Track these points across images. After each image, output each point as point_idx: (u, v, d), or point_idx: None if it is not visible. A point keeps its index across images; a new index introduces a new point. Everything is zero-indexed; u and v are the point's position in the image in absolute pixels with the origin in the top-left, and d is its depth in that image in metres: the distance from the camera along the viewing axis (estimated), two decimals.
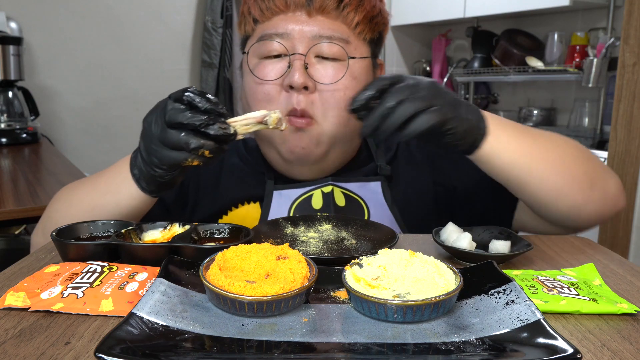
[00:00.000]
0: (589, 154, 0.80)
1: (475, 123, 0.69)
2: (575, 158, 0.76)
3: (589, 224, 0.80)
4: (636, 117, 1.99)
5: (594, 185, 0.76)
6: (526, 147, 0.73)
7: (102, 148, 2.94)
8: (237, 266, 0.53)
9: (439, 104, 0.64)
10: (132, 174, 0.73)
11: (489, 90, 3.35)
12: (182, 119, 0.63)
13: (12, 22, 2.45)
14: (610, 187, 0.79)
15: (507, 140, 0.71)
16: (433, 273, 0.53)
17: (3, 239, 1.79)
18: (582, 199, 0.75)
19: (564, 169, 0.74)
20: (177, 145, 0.64)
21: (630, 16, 1.97)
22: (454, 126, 0.66)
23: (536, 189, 0.75)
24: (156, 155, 0.67)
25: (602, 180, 0.78)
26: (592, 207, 0.77)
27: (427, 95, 0.64)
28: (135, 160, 0.73)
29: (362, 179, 0.91)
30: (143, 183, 0.73)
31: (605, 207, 0.79)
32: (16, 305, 0.53)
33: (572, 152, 0.77)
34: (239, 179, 0.94)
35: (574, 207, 0.76)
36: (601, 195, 0.77)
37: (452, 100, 0.67)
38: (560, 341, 0.42)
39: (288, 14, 0.84)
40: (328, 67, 0.83)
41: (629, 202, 2.06)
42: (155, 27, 3.01)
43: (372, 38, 0.89)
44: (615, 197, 0.80)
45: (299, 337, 0.46)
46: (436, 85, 0.67)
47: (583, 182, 0.75)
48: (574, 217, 0.78)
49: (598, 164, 0.79)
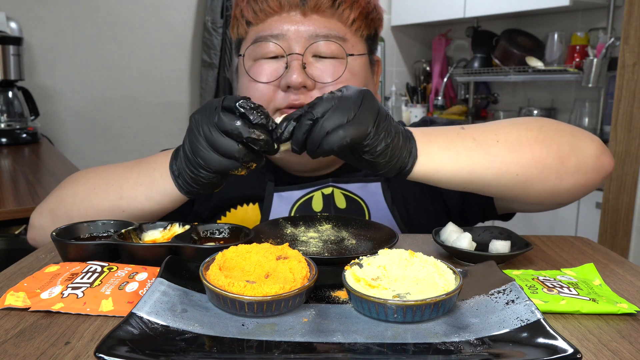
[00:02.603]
0: (551, 129, 0.74)
1: (401, 142, 0.66)
2: (530, 140, 0.71)
3: (573, 197, 0.77)
4: (636, 117, 1.99)
5: (564, 161, 0.72)
6: (465, 157, 0.69)
7: (102, 148, 2.94)
8: (237, 266, 0.53)
9: (360, 113, 0.61)
10: (171, 171, 0.72)
11: (489, 90, 3.35)
12: (233, 129, 0.62)
13: (12, 22, 2.45)
14: (587, 155, 0.74)
15: (441, 156, 0.68)
16: (433, 273, 0.53)
17: (3, 239, 1.78)
18: (554, 178, 0.72)
19: (520, 156, 0.70)
20: (229, 154, 0.63)
21: (630, 16, 1.97)
22: (373, 141, 0.63)
23: (496, 189, 0.72)
24: (204, 158, 0.65)
25: (574, 150, 0.73)
26: (569, 181, 0.73)
27: (349, 106, 0.61)
28: (177, 158, 0.71)
29: (362, 180, 0.91)
30: (181, 181, 0.71)
31: (587, 177, 0.74)
32: (16, 305, 0.53)
33: (527, 135, 0.72)
34: (240, 179, 0.94)
35: (546, 189, 0.73)
36: (576, 168, 0.73)
37: (376, 113, 0.63)
38: (560, 341, 0.42)
39: (282, 15, 0.84)
40: (327, 64, 0.83)
41: (629, 202, 2.06)
42: (155, 27, 3.01)
43: (368, 34, 0.89)
44: (596, 162, 0.75)
45: (299, 337, 0.46)
46: (363, 96, 0.63)
47: (549, 162, 0.71)
48: (552, 196, 0.75)
49: (565, 136, 0.74)
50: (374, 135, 0.63)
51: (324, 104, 0.61)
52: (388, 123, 0.65)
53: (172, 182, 0.72)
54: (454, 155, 0.69)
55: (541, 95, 3.05)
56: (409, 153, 0.67)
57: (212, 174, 0.67)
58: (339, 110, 0.61)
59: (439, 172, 0.69)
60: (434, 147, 0.68)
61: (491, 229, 0.76)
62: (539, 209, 0.85)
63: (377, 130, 0.63)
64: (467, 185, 0.71)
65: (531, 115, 2.94)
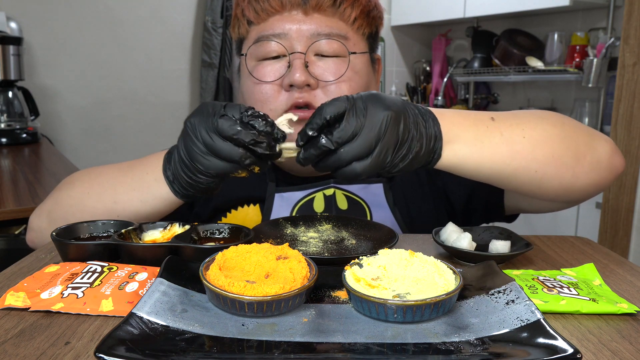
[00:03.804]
0: (570, 126, 0.75)
1: (424, 150, 0.64)
2: (553, 137, 0.71)
3: (586, 196, 0.77)
4: (636, 117, 1.99)
5: (580, 159, 0.72)
6: (489, 153, 0.68)
7: (102, 148, 2.94)
8: (237, 266, 0.53)
9: (380, 148, 0.60)
10: (165, 175, 0.71)
11: (489, 90, 3.35)
12: (234, 133, 0.61)
13: (12, 22, 2.45)
14: (601, 154, 0.74)
15: (465, 152, 0.67)
16: (433, 273, 0.53)
17: (3, 239, 1.78)
18: (570, 177, 0.72)
19: (541, 154, 0.70)
20: (230, 158, 0.63)
21: (630, 16, 1.97)
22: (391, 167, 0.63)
23: (514, 184, 0.72)
24: (202, 164, 0.64)
25: (590, 149, 0.73)
26: (584, 180, 0.73)
27: (371, 138, 0.59)
28: (170, 163, 0.70)
29: (364, 181, 0.90)
30: (177, 186, 0.70)
31: (601, 175, 0.75)
32: (16, 305, 0.53)
33: (551, 131, 0.72)
34: (240, 179, 0.93)
35: (561, 186, 0.73)
36: (591, 166, 0.73)
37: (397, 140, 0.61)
38: (560, 341, 0.42)
39: (284, 14, 0.83)
40: (329, 62, 0.83)
41: (629, 202, 2.06)
42: (155, 27, 3.01)
43: (369, 33, 0.89)
44: (609, 161, 0.75)
45: (299, 337, 0.46)
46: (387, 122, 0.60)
47: (567, 160, 0.71)
48: (566, 194, 0.75)
49: (583, 134, 0.75)
50: (391, 163, 0.62)
51: (345, 128, 0.59)
52: (410, 142, 0.63)
53: (167, 187, 0.71)
54: (478, 151, 0.68)
55: (541, 95, 3.05)
56: (432, 154, 0.66)
57: (211, 179, 0.66)
58: (360, 141, 0.59)
59: (459, 166, 0.68)
60: (461, 143, 0.67)
61: (491, 229, 0.76)
62: (549, 208, 0.85)
63: (395, 156, 0.62)
64: (483, 177, 0.71)
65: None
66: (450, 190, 0.93)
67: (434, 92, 3.56)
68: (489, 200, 0.90)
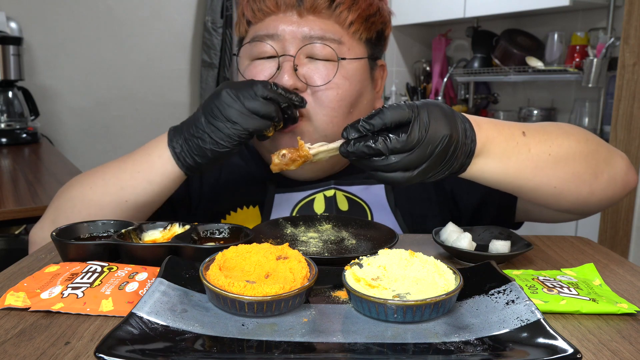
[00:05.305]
0: (594, 143, 0.76)
1: (458, 166, 0.66)
2: (577, 155, 0.72)
3: (599, 209, 0.80)
4: (636, 117, 1.99)
5: (598, 175, 0.74)
6: (514, 169, 0.70)
7: (102, 148, 2.94)
8: (237, 266, 0.53)
9: (427, 165, 0.63)
10: (171, 147, 0.75)
11: (489, 90, 3.35)
12: (273, 96, 0.73)
13: (12, 22, 2.45)
14: (617, 170, 0.76)
15: (491, 166, 0.69)
16: (433, 273, 0.53)
17: (3, 239, 1.79)
18: (587, 192, 0.74)
19: (563, 171, 0.72)
20: (268, 115, 0.73)
21: (630, 16, 1.97)
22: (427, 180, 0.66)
23: (531, 196, 0.74)
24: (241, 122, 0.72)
25: (607, 166, 0.75)
26: (599, 195, 0.75)
27: (424, 155, 0.62)
28: (180, 134, 0.75)
29: (365, 182, 0.90)
30: (184, 158, 0.75)
31: (615, 191, 0.77)
32: (16, 305, 0.53)
33: (575, 148, 0.73)
34: (240, 180, 0.93)
35: (577, 201, 0.75)
36: (607, 183, 0.75)
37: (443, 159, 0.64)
38: (560, 341, 0.42)
39: (279, 15, 0.83)
40: (320, 66, 0.81)
41: (629, 202, 2.06)
42: (155, 27, 3.01)
43: (369, 38, 0.87)
44: (624, 177, 0.77)
45: (299, 337, 0.46)
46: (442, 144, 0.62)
47: (585, 176, 0.73)
48: (581, 207, 0.77)
49: (602, 150, 0.76)
50: (430, 178, 0.65)
51: (407, 140, 0.60)
52: (452, 161, 0.65)
53: (172, 161, 0.75)
54: (503, 166, 0.69)
55: (541, 95, 3.05)
56: (460, 167, 0.67)
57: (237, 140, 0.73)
58: (414, 156, 0.62)
59: (482, 178, 0.70)
60: (489, 157, 0.68)
61: (491, 229, 0.76)
62: (560, 218, 0.85)
63: (435, 172, 0.65)
64: (502, 188, 0.73)
65: (531, 115, 2.94)
66: (459, 196, 0.92)
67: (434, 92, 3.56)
68: (500, 208, 0.90)
